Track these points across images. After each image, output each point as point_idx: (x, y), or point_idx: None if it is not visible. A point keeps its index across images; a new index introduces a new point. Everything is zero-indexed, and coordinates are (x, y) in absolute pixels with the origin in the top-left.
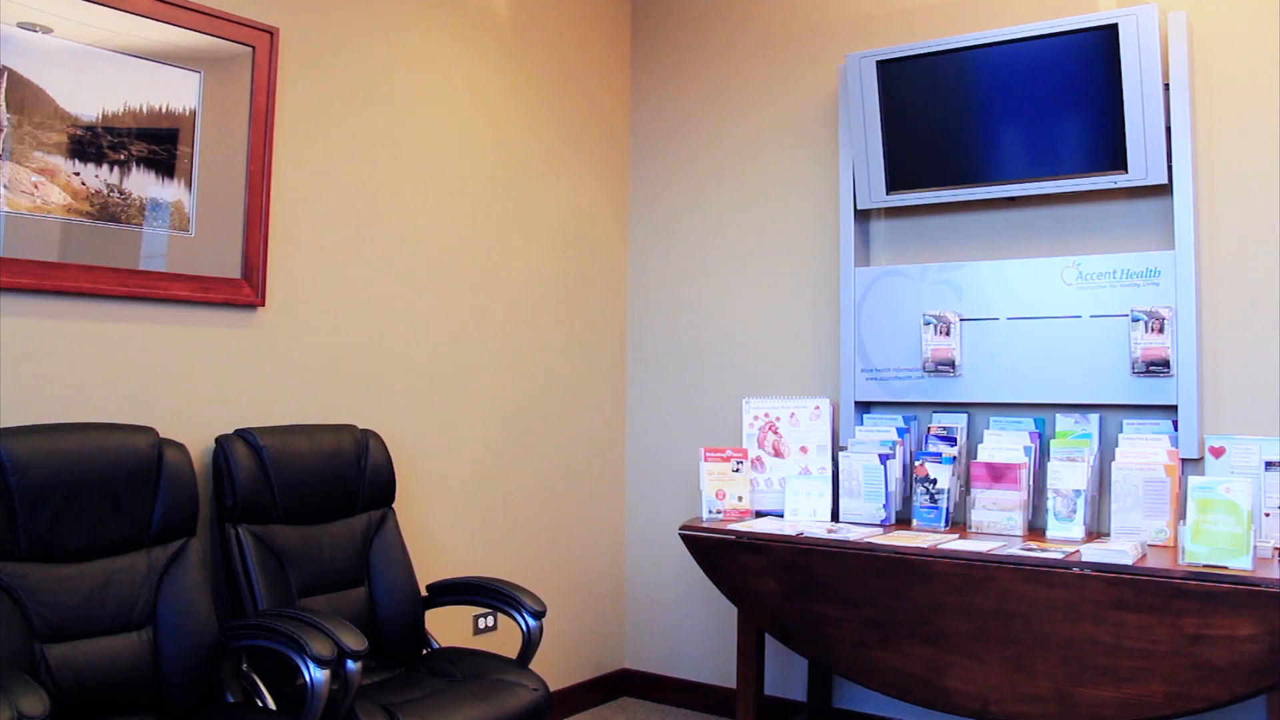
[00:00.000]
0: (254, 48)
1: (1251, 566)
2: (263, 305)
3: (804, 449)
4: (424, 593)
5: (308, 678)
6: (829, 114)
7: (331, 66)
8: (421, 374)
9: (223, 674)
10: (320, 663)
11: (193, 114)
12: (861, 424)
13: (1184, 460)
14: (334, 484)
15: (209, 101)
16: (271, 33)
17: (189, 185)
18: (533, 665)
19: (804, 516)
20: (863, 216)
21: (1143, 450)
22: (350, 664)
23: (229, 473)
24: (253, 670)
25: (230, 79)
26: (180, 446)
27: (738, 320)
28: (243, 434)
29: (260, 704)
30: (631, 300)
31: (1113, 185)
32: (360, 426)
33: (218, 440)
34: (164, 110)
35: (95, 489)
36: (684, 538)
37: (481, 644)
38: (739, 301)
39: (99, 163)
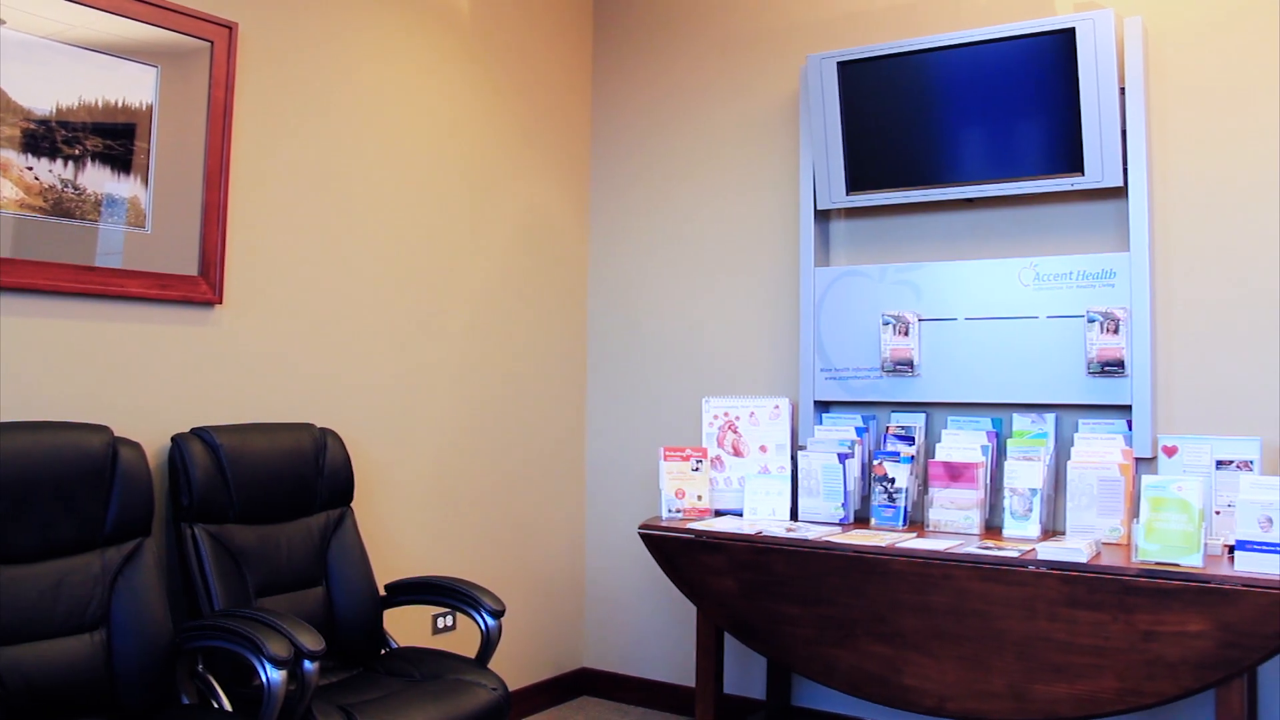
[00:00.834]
0: (212, 43)
1: (1202, 564)
2: (220, 303)
3: (763, 448)
4: (382, 592)
5: (264, 678)
6: (790, 114)
7: (291, 63)
8: (381, 373)
9: (178, 675)
10: (277, 663)
11: (149, 109)
12: (820, 423)
13: (1138, 459)
14: (292, 483)
15: (166, 97)
16: (230, 28)
17: (145, 181)
18: (492, 665)
19: (763, 515)
20: (823, 217)
21: (1098, 449)
22: (307, 664)
23: (185, 472)
24: (209, 671)
25: (188, 74)
26: (135, 445)
27: (698, 319)
28: (199, 433)
29: (216, 705)
30: (591, 299)
31: (1069, 187)
32: (318, 425)
33: (174, 439)
34: (120, 105)
35: (47, 489)
36: (643, 537)
37: (440, 644)
38: (699, 300)
39: (53, 157)
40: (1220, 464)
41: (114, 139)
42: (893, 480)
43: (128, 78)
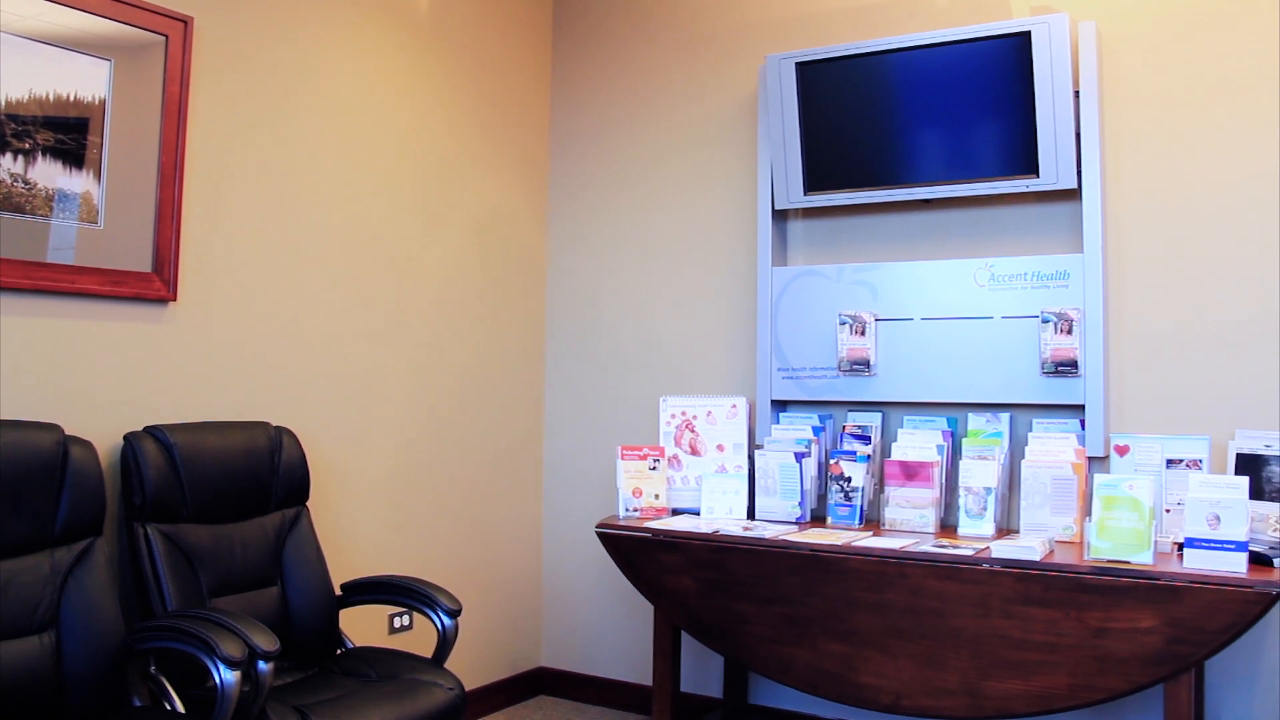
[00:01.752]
0: (167, 36)
1: (1152, 561)
2: (174, 300)
3: (720, 447)
4: (338, 592)
5: (218, 679)
6: (748, 114)
7: (248, 59)
8: (337, 371)
9: (130, 677)
10: (230, 664)
11: (102, 103)
12: (778, 422)
13: (1090, 458)
14: (246, 482)
15: (120, 91)
16: (185, 22)
17: (98, 176)
18: (448, 664)
19: (720, 514)
20: (780, 216)
21: (1051, 449)
22: (262, 665)
23: (138, 471)
24: (161, 673)
25: (142, 68)
26: (87, 444)
27: (656, 318)
28: (152, 431)
29: (169, 707)
30: (550, 297)
31: (1025, 189)
32: (274, 424)
33: (126, 438)
34: (72, 99)
35: None
36: (601, 536)
37: (397, 643)
38: (657, 300)
39: (2, 151)
40: (1170, 463)
41: (66, 133)
42: (849, 479)
43: (80, 71)
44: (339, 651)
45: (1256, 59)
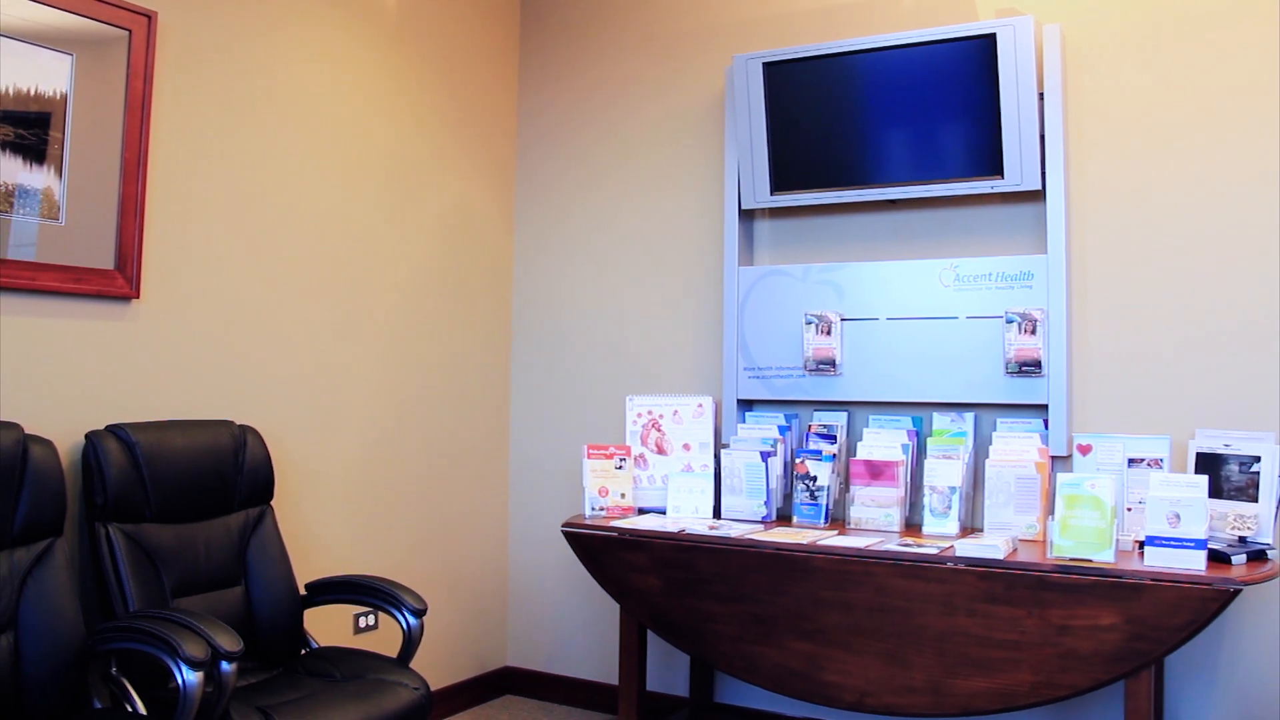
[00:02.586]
0: (130, 31)
1: (1114, 559)
2: (137, 297)
3: (687, 446)
4: (303, 591)
5: (180, 680)
6: (715, 114)
7: (212, 55)
8: (302, 369)
9: (90, 679)
10: (193, 664)
11: (64, 98)
12: (744, 421)
13: (1054, 458)
14: (210, 481)
15: (82, 85)
16: (149, 16)
17: (60, 172)
18: (414, 664)
19: (686, 513)
20: (747, 216)
21: (1015, 448)
22: (225, 665)
23: (99, 470)
24: (122, 674)
25: (105, 63)
26: (47, 443)
27: (622, 317)
28: (114, 430)
29: (130, 709)
30: (516, 296)
31: (989, 190)
32: (238, 422)
33: (88, 436)
34: (33, 93)
35: None
36: (567, 535)
37: (362, 643)
38: (623, 299)
39: None
40: (1132, 462)
41: (26, 128)
42: (815, 478)
43: (42, 66)
44: (304, 651)
45: (1219, 64)
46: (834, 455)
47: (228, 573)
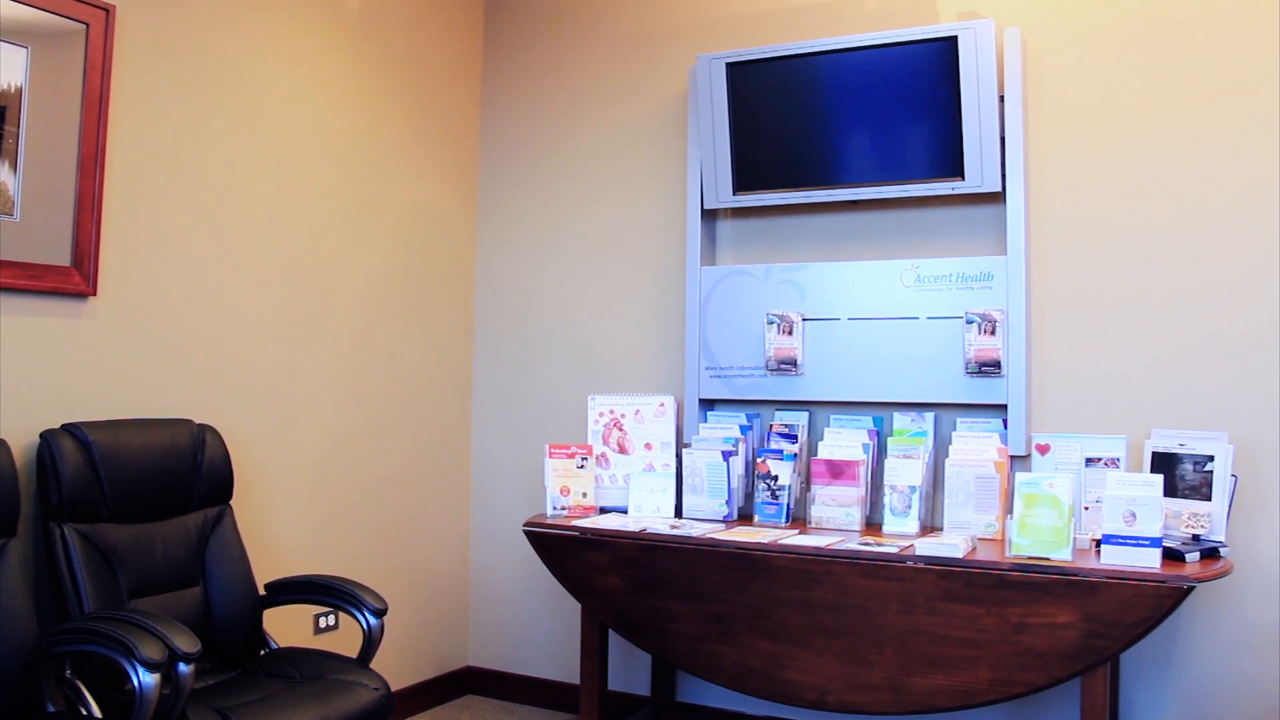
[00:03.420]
0: (88, 25)
1: (1071, 558)
2: (94, 295)
3: (648, 445)
4: (262, 592)
5: (136, 682)
6: (678, 114)
7: (173, 49)
8: (262, 368)
9: (44, 682)
10: (149, 666)
11: (19, 91)
12: (705, 421)
13: (1012, 457)
14: (168, 480)
15: (37, 79)
16: (107, 10)
17: (14, 167)
18: (375, 664)
19: (648, 513)
20: (710, 216)
21: (975, 448)
22: (182, 666)
23: (54, 469)
24: (77, 677)
25: (62, 56)
26: (1, 442)
27: (585, 317)
28: (70, 429)
29: (85, 712)
30: (478, 295)
31: (950, 191)
32: (197, 421)
33: (43, 435)
34: None
35: None
36: (528, 534)
37: (322, 643)
38: (586, 298)
39: None
40: (1089, 461)
41: None
42: (776, 478)
43: None
44: (263, 652)
45: (1177, 69)
46: (795, 455)
47: (186, 573)
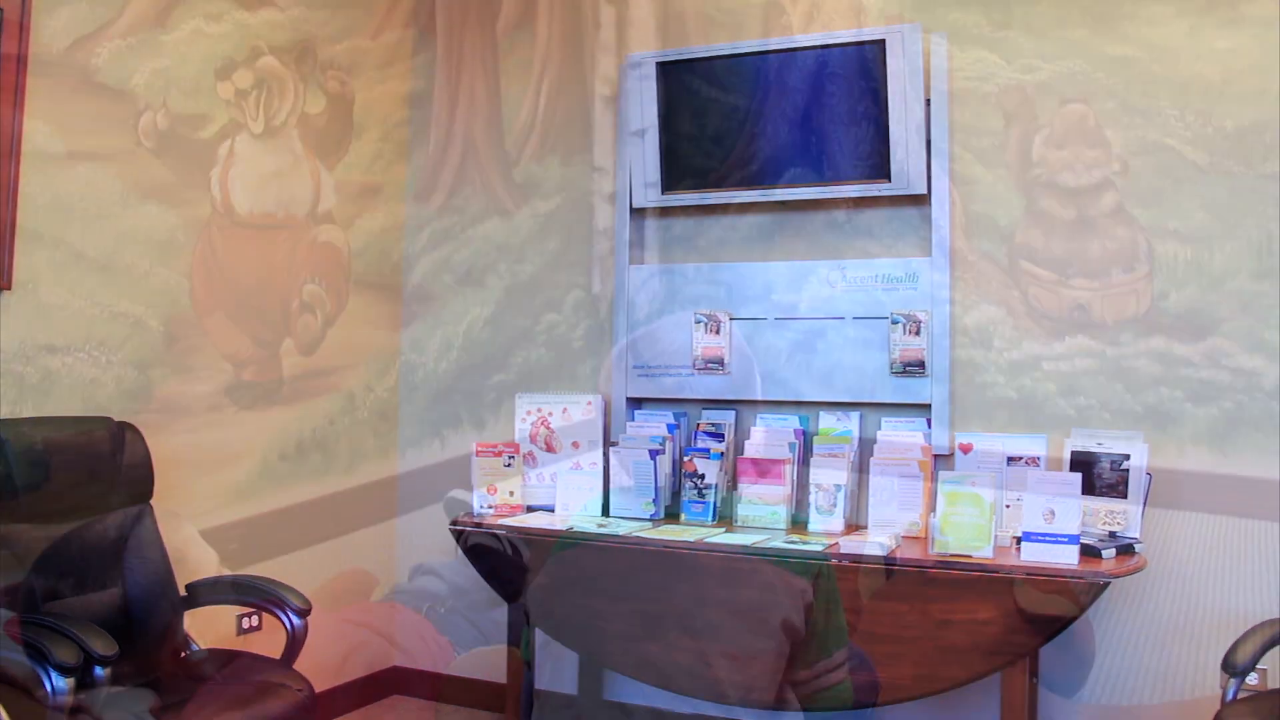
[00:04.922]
0: (2, 10)
1: (993, 555)
2: (8, 289)
3: (576, 444)
4: (183, 592)
5: (49, 688)
6: (608, 112)
7: (94, 36)
8: (186, 364)
9: None
10: (64, 670)
11: None
12: (633, 420)
13: (936, 456)
14: (84, 479)
15: None
16: None
17: None
18: (298, 665)
19: (575, 511)
20: (638, 215)
21: (899, 447)
22: (99, 670)
23: None
24: None
25: None
26: None
27: (512, 314)
28: None
29: None
30: (406, 292)
31: (877, 193)
32: (116, 419)
33: None
34: None
35: None
36: (455, 533)
37: (245, 645)
38: (514, 295)
39: None
40: (1011, 460)
41: None
42: (703, 476)
43: None
44: (184, 654)
45: (1093, 75)
46: (722, 453)
47: (103, 574)
